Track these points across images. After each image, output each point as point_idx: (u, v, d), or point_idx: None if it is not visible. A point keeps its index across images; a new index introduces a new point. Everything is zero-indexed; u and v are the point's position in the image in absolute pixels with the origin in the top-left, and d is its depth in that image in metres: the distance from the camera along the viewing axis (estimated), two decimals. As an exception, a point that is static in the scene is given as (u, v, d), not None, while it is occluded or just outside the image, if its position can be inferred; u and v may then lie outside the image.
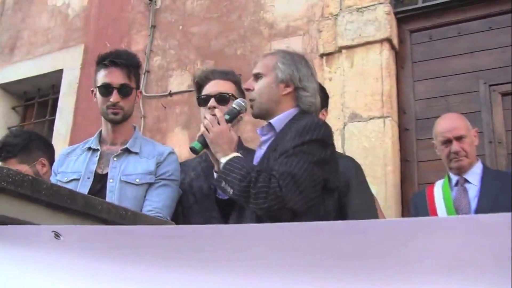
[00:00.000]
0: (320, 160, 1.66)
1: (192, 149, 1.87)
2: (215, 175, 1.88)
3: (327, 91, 2.60)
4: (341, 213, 2.17)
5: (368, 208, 2.24)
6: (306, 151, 1.64)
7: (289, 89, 1.86)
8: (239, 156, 1.75)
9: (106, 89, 2.15)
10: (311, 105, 1.87)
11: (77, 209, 1.07)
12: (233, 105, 1.95)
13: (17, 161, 2.39)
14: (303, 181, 1.60)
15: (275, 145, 1.77)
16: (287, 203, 1.57)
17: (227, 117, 1.89)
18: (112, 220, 1.13)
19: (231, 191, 1.66)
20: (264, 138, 1.90)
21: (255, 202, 1.60)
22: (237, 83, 2.32)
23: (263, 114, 1.90)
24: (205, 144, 1.85)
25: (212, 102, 2.20)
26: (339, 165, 2.14)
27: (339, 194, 2.19)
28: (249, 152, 2.15)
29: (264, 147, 1.85)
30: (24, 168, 2.38)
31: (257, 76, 1.91)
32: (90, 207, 1.11)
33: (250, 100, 1.92)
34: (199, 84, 2.32)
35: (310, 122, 1.72)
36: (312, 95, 1.86)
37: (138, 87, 2.26)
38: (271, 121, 1.86)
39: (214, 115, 1.90)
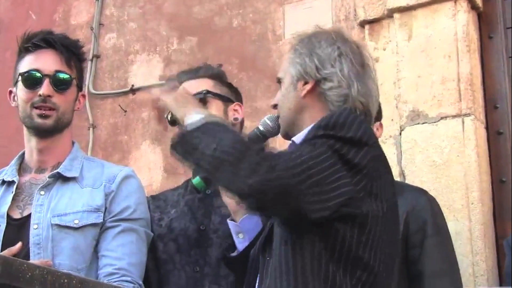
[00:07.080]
0: (347, 162, 1.66)
1: (196, 187, 2.00)
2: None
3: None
4: (407, 272, 2.22)
5: (450, 271, 2.33)
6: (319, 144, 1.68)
7: (308, 86, 1.90)
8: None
9: (33, 78, 2.16)
10: (341, 99, 1.87)
11: (-8, 281, 1.05)
12: (259, 126, 2.03)
13: None
14: (308, 163, 1.62)
15: None
16: (281, 177, 1.59)
17: None
18: (48, 295, 1.11)
19: (207, 150, 1.65)
20: None
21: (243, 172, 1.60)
22: (215, 76, 2.40)
23: (289, 133, 1.96)
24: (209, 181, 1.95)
25: None
26: (406, 201, 2.18)
27: (406, 243, 2.24)
28: None
29: None
30: None
31: (279, 83, 2.00)
32: (13, 276, 1.08)
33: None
34: None
35: (329, 116, 1.76)
36: (341, 84, 1.87)
37: (81, 88, 2.27)
38: (294, 138, 1.91)
39: None
